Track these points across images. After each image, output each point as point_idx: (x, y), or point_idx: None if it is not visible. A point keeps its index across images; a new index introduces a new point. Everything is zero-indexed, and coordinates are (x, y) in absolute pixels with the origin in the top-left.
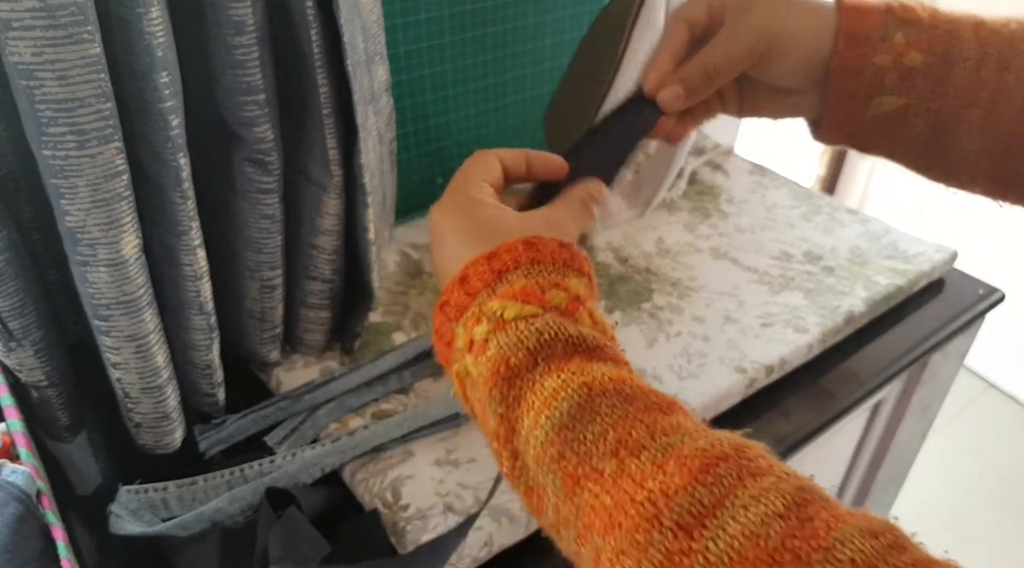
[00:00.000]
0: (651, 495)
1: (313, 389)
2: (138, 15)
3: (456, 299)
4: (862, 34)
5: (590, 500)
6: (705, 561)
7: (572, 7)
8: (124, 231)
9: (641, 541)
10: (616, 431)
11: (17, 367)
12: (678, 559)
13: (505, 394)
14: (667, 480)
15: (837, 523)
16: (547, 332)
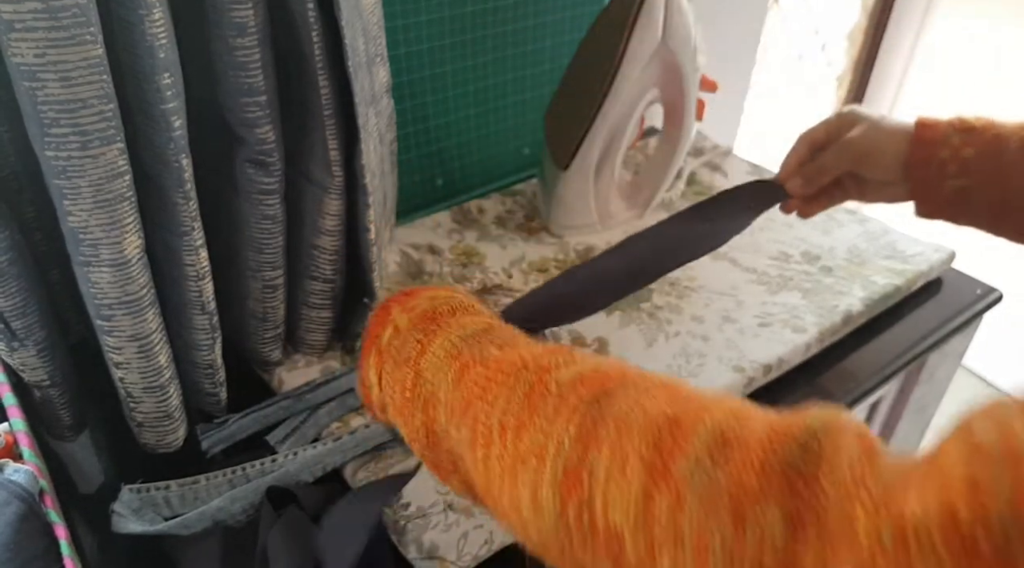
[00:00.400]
0: (521, 357)
1: (314, 388)
2: (140, 16)
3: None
4: (929, 139)
5: (473, 377)
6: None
7: (571, 9)
8: (126, 231)
9: (511, 383)
10: (503, 336)
11: (20, 367)
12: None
13: (424, 328)
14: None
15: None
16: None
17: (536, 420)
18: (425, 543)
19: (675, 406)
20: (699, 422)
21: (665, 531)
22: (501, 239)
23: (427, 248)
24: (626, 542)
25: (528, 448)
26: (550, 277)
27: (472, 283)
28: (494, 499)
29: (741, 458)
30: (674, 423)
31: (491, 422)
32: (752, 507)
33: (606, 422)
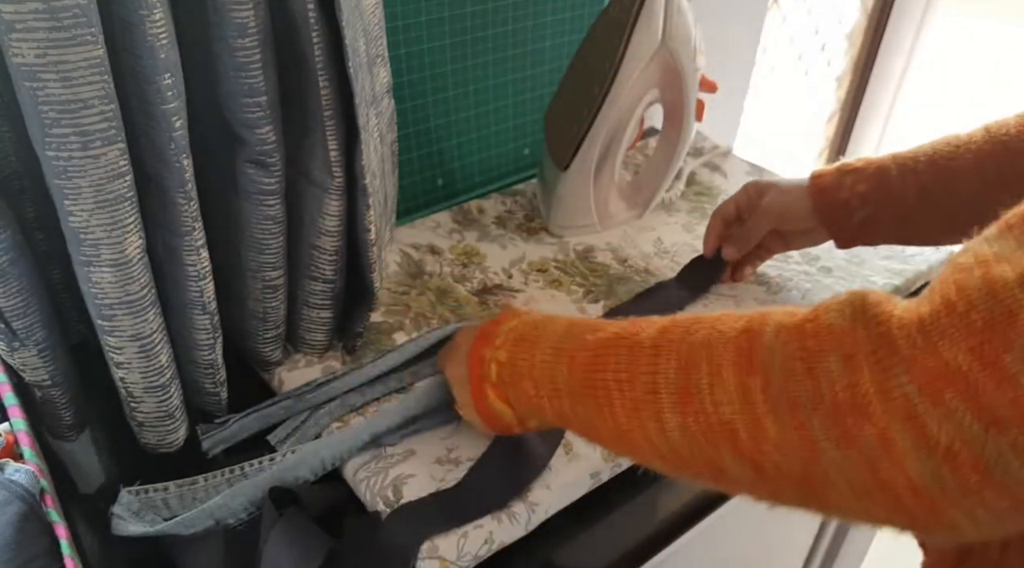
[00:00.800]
0: (612, 332)
1: (315, 388)
2: (141, 17)
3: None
4: (826, 186)
5: (581, 362)
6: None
7: (571, 10)
8: (127, 232)
9: (612, 352)
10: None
11: (21, 367)
12: (634, 345)
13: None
14: (617, 326)
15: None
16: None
17: (641, 368)
18: (425, 543)
19: (741, 321)
20: (764, 324)
21: (764, 405)
22: (501, 239)
23: (427, 248)
24: (737, 426)
25: (643, 391)
26: (550, 277)
27: (472, 283)
28: (628, 443)
29: (799, 333)
30: (746, 331)
31: (608, 385)
32: (818, 362)
33: (696, 349)
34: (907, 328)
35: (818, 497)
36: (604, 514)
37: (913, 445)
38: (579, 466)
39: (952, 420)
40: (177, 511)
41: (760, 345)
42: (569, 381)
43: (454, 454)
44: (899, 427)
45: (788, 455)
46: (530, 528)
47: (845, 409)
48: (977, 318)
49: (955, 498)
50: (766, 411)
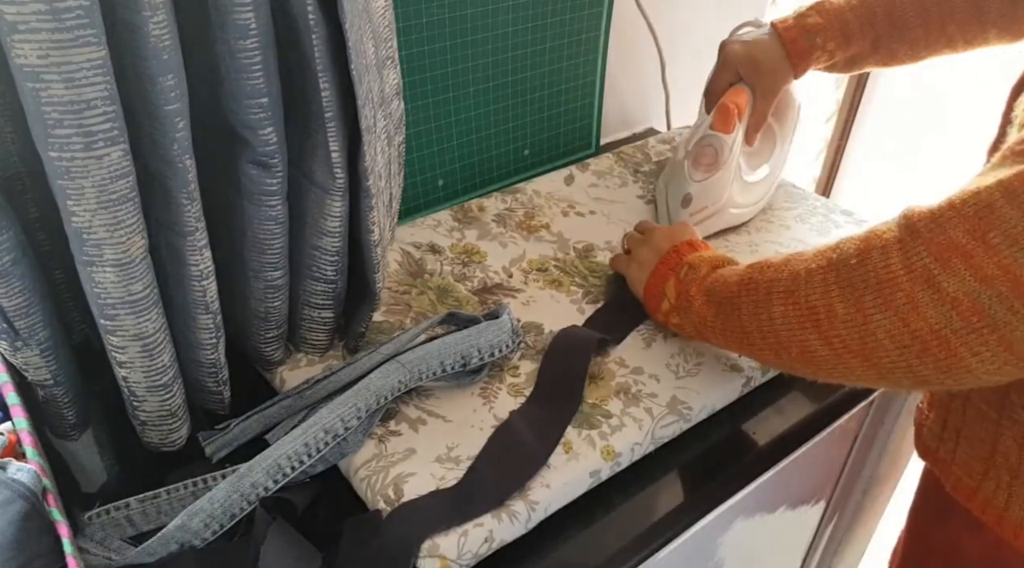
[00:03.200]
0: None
1: (313, 385)
2: (145, 19)
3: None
4: (801, 49)
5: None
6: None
7: (571, 11)
8: (130, 232)
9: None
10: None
11: (23, 366)
12: (765, 267)
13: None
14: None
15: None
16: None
17: (765, 278)
18: (425, 541)
19: (832, 242)
20: (841, 240)
21: (835, 289)
22: (501, 237)
23: (428, 247)
24: (819, 309)
25: (763, 294)
26: (550, 277)
27: (472, 283)
28: (748, 338)
29: (858, 239)
30: (832, 247)
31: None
32: (866, 255)
33: (801, 261)
34: (924, 219)
35: (874, 361)
36: (604, 513)
37: (931, 299)
38: (579, 465)
39: (956, 277)
40: (142, 528)
41: (837, 250)
42: (720, 292)
43: (454, 453)
44: (921, 288)
45: (851, 327)
46: (530, 526)
47: (884, 283)
48: (969, 210)
49: (962, 336)
50: (837, 295)
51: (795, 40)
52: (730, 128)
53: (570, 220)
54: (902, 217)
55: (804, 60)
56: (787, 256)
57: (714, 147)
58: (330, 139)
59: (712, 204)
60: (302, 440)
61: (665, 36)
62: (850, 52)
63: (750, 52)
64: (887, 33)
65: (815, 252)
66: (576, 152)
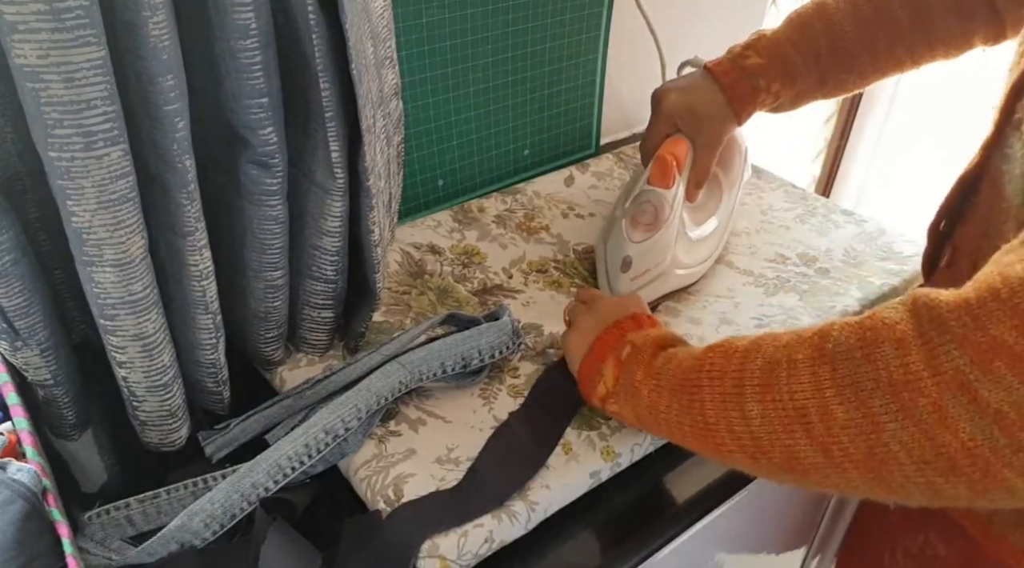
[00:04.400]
0: (717, 346)
1: (313, 385)
2: (144, 19)
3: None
4: (742, 93)
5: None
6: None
7: (571, 11)
8: (130, 232)
9: (710, 357)
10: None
11: (23, 366)
12: (728, 350)
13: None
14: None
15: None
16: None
17: (732, 368)
18: (425, 542)
19: (816, 326)
20: (832, 325)
21: (832, 389)
22: (501, 238)
23: (428, 247)
24: (810, 411)
25: (731, 386)
26: (550, 278)
27: (472, 283)
28: (712, 436)
29: (859, 327)
30: (819, 332)
31: (701, 382)
32: (874, 349)
33: (778, 350)
34: (957, 311)
35: (881, 474)
36: (604, 513)
37: (966, 410)
38: (579, 466)
39: (1001, 385)
40: (142, 528)
41: (828, 340)
42: (672, 378)
43: (454, 454)
44: (951, 395)
45: (854, 435)
46: (530, 527)
47: (900, 386)
48: (1020, 302)
49: (1006, 456)
50: (834, 395)
51: (735, 84)
52: (669, 183)
53: (570, 222)
54: (920, 305)
55: (747, 105)
56: (755, 339)
57: (653, 204)
58: (330, 139)
59: (655, 267)
60: (303, 440)
61: (665, 36)
62: (796, 90)
63: (688, 101)
64: (833, 66)
65: (795, 337)
66: (576, 152)
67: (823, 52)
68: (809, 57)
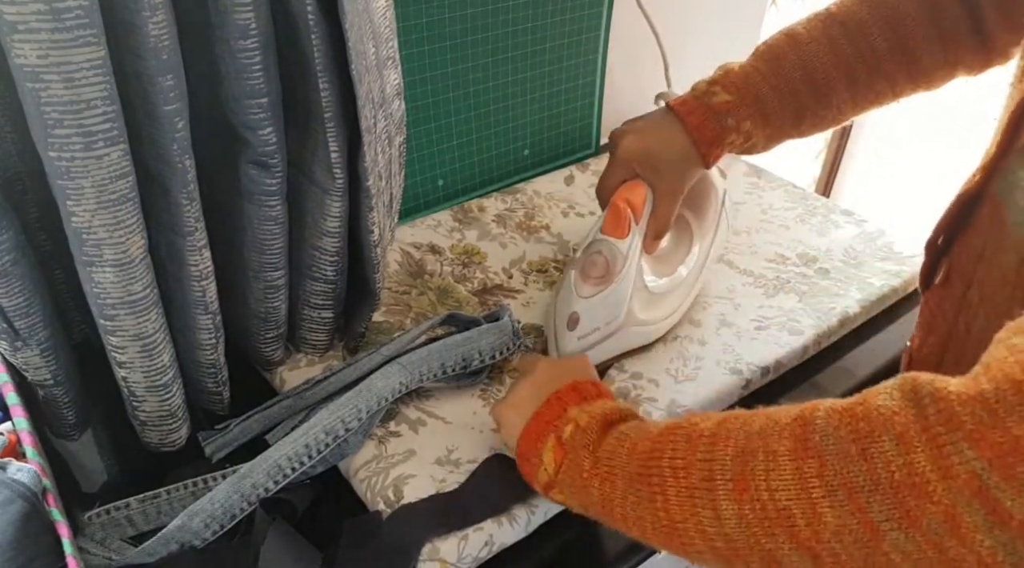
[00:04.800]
0: (675, 424)
1: (314, 385)
2: (144, 19)
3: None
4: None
5: (642, 449)
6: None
7: (571, 11)
8: (130, 232)
9: (672, 439)
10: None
11: (23, 366)
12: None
13: (600, 427)
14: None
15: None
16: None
17: (698, 456)
18: (425, 545)
19: (794, 410)
20: (816, 410)
21: (820, 489)
22: (501, 238)
23: (428, 247)
24: (795, 513)
25: (699, 478)
26: (550, 278)
27: (472, 283)
28: (679, 535)
29: (851, 417)
30: (799, 418)
31: (664, 472)
32: (871, 444)
33: (752, 438)
34: (970, 404)
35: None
36: None
37: (984, 521)
38: None
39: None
40: (142, 528)
41: (813, 430)
42: (627, 466)
43: (454, 455)
44: (966, 503)
45: (847, 542)
46: (530, 530)
47: (904, 489)
48: None
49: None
50: (823, 495)
51: (700, 125)
52: (623, 232)
53: (570, 221)
54: (924, 395)
55: (714, 147)
56: (721, 420)
57: (604, 255)
58: (330, 139)
59: (605, 324)
60: (303, 441)
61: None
62: (770, 129)
63: (646, 146)
64: (811, 101)
65: (769, 422)
66: (576, 152)
67: (799, 86)
68: (784, 92)
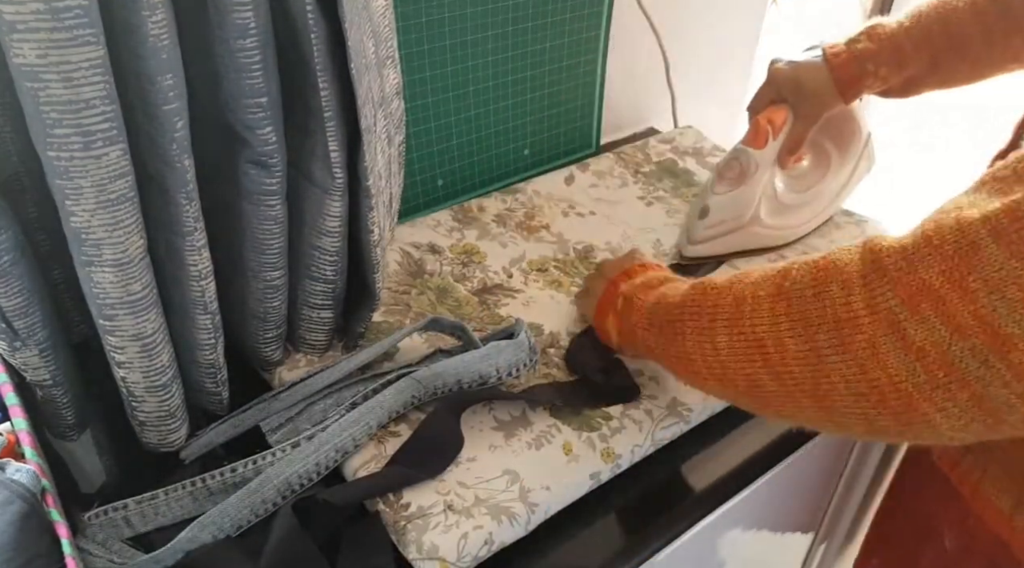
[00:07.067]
0: (693, 286)
1: (288, 387)
2: (143, 18)
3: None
4: (848, 75)
5: (665, 304)
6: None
7: (571, 11)
8: (129, 232)
9: (689, 293)
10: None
11: (22, 366)
12: (706, 288)
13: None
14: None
15: None
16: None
17: (708, 304)
18: (425, 544)
19: (781, 264)
20: (794, 263)
21: (786, 323)
22: (501, 237)
23: (427, 247)
24: (767, 342)
25: (707, 320)
26: (550, 277)
27: (472, 283)
28: (691, 364)
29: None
30: (782, 270)
31: (684, 317)
32: (824, 288)
33: (746, 287)
34: (894, 256)
35: (826, 405)
36: (604, 515)
37: (894, 346)
38: (579, 467)
39: (925, 325)
40: (139, 528)
41: (788, 278)
42: (663, 316)
43: None
44: (883, 333)
45: (803, 366)
46: (530, 528)
47: (843, 323)
48: (948, 248)
49: (926, 391)
50: (787, 329)
51: (843, 66)
52: (760, 144)
53: (570, 220)
54: (867, 250)
55: (853, 87)
56: (731, 278)
57: (740, 161)
58: (329, 139)
59: (732, 219)
60: (314, 459)
61: (666, 36)
62: (905, 75)
63: (795, 73)
64: (945, 51)
65: (762, 275)
66: (576, 152)
67: (935, 35)
68: (920, 42)
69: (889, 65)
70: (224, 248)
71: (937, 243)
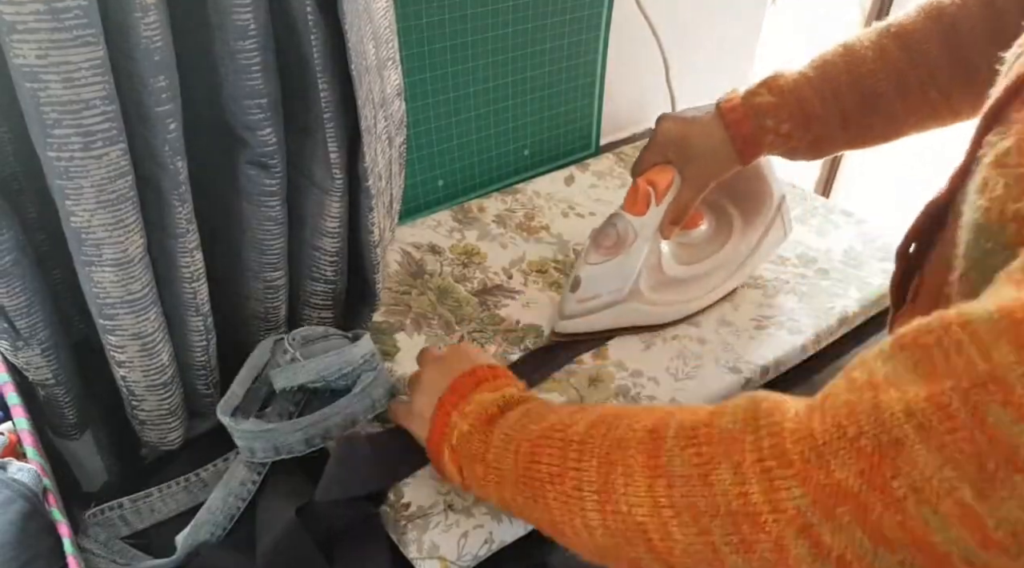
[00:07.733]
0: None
1: None
2: (136, 19)
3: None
4: (746, 133)
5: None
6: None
7: (571, 12)
8: (129, 231)
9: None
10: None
11: (24, 366)
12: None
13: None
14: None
15: None
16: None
17: (569, 464)
18: (425, 543)
19: (651, 418)
20: (668, 425)
21: (670, 510)
22: (501, 238)
23: (428, 247)
24: (649, 529)
25: (571, 487)
26: (550, 278)
27: (472, 283)
28: (563, 535)
29: (695, 440)
30: (652, 431)
31: (542, 477)
32: (712, 471)
33: (613, 449)
34: (800, 444)
35: None
36: None
37: (808, 553)
38: None
39: (844, 533)
40: (137, 526)
41: (663, 449)
42: (513, 470)
43: None
44: (793, 536)
45: (696, 559)
46: (530, 527)
47: (740, 518)
48: (866, 444)
49: None
50: (672, 516)
51: (739, 122)
52: (639, 209)
53: (570, 221)
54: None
55: (751, 146)
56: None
57: (617, 229)
58: (329, 139)
59: (607, 293)
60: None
61: (666, 36)
62: (813, 133)
63: (684, 132)
64: (856, 107)
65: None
66: (576, 152)
67: (843, 91)
68: (827, 96)
69: (793, 120)
70: (224, 249)
71: (852, 435)
